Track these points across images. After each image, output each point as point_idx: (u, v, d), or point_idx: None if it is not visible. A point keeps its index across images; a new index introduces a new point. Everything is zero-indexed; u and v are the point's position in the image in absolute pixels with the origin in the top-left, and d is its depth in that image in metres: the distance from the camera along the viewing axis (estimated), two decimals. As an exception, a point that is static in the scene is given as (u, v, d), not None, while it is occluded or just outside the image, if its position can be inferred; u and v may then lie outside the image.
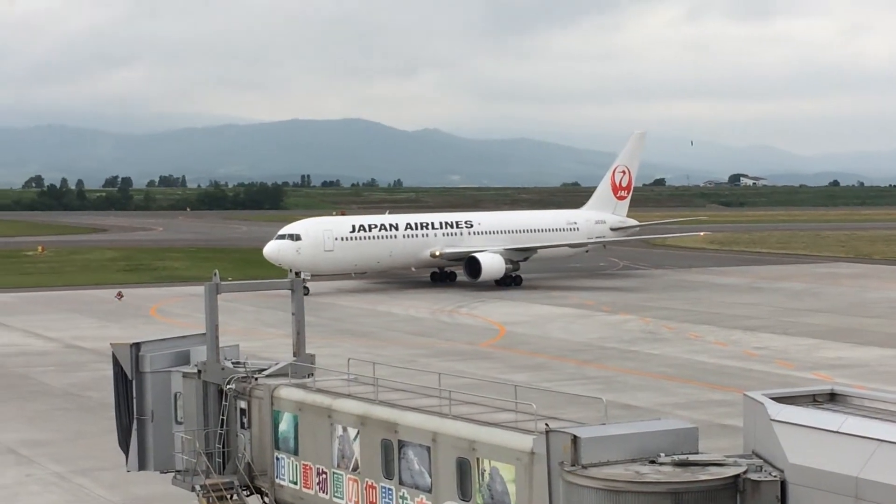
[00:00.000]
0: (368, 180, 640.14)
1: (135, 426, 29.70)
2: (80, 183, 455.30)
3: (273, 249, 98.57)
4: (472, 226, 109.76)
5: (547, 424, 20.68)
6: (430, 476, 23.12)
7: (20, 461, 41.38)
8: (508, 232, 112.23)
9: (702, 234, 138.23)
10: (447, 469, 22.66)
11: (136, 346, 29.75)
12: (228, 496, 27.52)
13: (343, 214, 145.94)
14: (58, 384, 56.96)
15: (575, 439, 19.44)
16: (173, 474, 29.36)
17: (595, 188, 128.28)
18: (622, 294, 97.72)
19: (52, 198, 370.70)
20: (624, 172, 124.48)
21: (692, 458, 19.49)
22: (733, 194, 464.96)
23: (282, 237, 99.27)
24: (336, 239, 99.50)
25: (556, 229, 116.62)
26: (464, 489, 22.36)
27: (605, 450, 19.52)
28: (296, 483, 26.66)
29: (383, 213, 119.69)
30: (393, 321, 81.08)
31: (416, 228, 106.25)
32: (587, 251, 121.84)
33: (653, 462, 19.40)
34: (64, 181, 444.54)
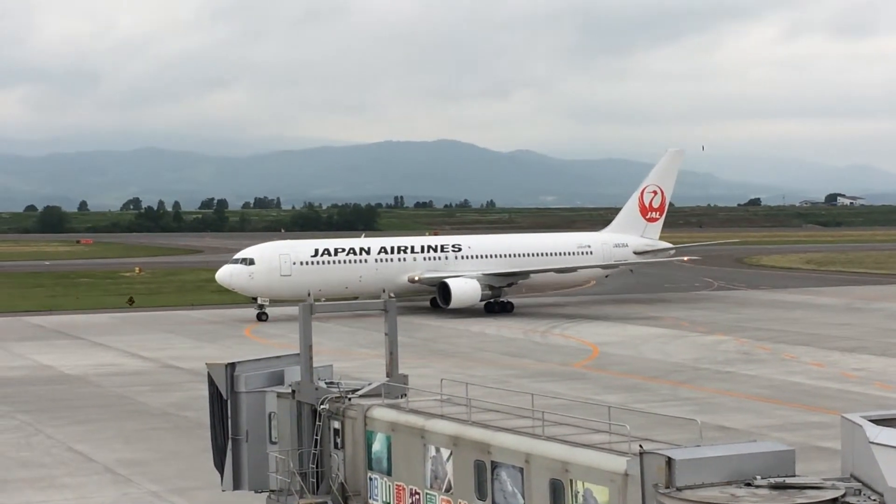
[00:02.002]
0: (461, 201, 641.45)
1: (230, 446, 29.86)
2: (176, 205, 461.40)
3: (225, 274, 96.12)
4: (459, 250, 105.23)
5: (641, 446, 20.54)
6: (524, 497, 22.99)
7: (117, 480, 41.85)
8: (502, 256, 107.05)
9: (685, 258, 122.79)
10: (540, 490, 22.54)
11: (231, 367, 29.89)
12: (322, 516, 27.61)
13: (436, 234, 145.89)
14: (154, 404, 57.59)
15: (669, 461, 19.28)
16: (268, 494, 29.46)
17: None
18: (717, 314, 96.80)
19: (149, 220, 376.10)
20: (655, 192, 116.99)
21: (789, 480, 19.25)
22: (830, 214, 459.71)
23: (236, 261, 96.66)
24: (294, 263, 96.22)
25: (563, 253, 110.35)
26: (557, 511, 22.21)
27: (700, 472, 19.35)
28: (389, 503, 26.67)
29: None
30: (485, 341, 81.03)
31: (393, 253, 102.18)
32: (607, 276, 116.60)
33: (748, 485, 19.19)
34: (161, 203, 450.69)
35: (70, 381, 65.70)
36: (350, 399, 28.07)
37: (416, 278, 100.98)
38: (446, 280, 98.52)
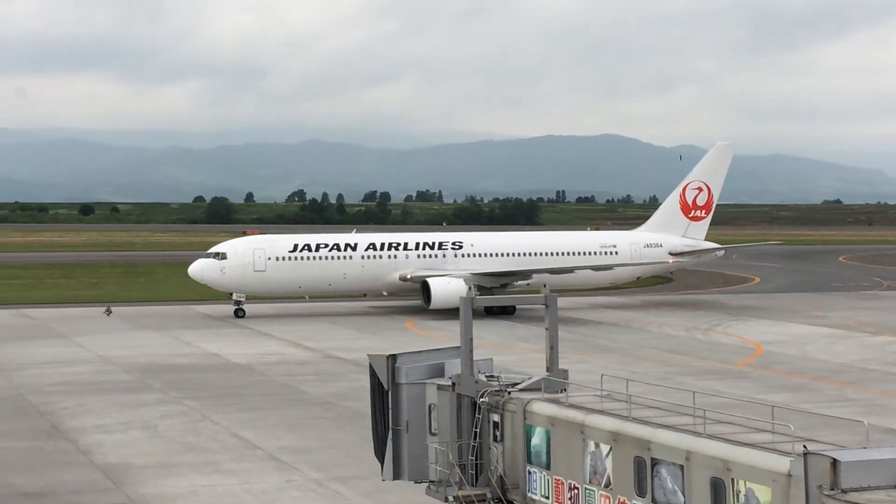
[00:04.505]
0: (624, 196, 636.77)
1: (390, 436, 30.12)
2: (340, 197, 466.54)
3: (197, 268, 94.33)
4: (460, 247, 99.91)
5: (805, 446, 20.25)
6: (684, 495, 22.82)
7: (281, 467, 42.56)
8: (508, 255, 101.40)
9: (671, 260, 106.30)
10: (701, 489, 22.35)
11: (393, 358, 30.12)
12: (481, 508, 27.71)
13: (597, 230, 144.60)
14: (317, 393, 58.40)
15: (834, 462, 18.99)
16: (427, 484, 29.66)
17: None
18: (886, 314, 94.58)
19: (313, 211, 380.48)
20: (700, 189, 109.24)
21: (960, 486, 18.78)
22: None
23: (208, 255, 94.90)
24: (269, 259, 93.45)
25: (581, 253, 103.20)
26: (718, 510, 22.00)
27: (867, 474, 19.00)
28: (547, 497, 26.65)
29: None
30: (647, 338, 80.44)
31: (382, 249, 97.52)
32: (638, 278, 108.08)
33: (917, 489, 18.77)
34: (325, 195, 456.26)
35: (235, 369, 67.01)
36: (510, 392, 28.13)
37: (409, 276, 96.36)
38: (427, 279, 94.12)
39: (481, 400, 28.28)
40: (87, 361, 69.65)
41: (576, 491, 25.77)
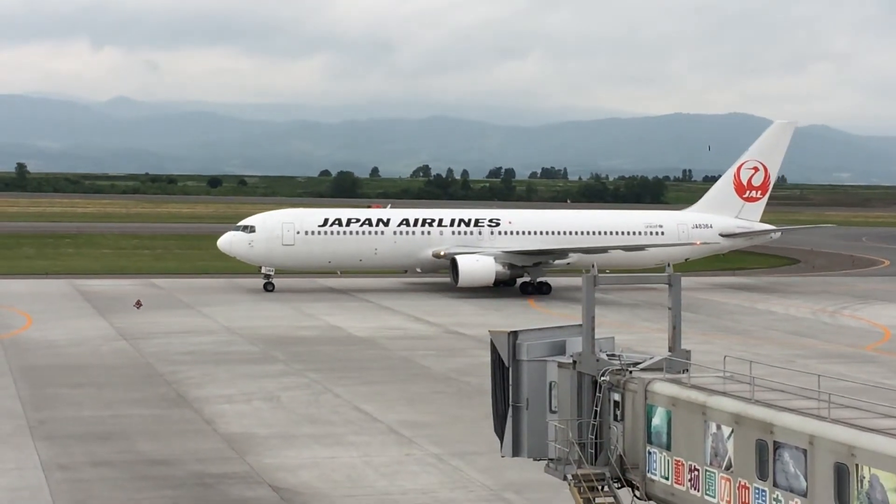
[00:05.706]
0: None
1: (510, 413, 30.09)
2: (465, 173, 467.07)
3: (225, 241, 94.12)
4: (497, 224, 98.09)
5: (933, 434, 19.82)
6: (806, 480, 22.50)
7: (401, 441, 42.83)
8: (546, 234, 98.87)
9: (698, 242, 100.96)
10: (824, 474, 22.01)
11: (514, 335, 30.02)
12: (599, 487, 27.55)
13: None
14: (438, 368, 58.63)
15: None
16: (546, 462, 29.60)
17: None
18: None
19: (438, 187, 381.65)
20: (756, 169, 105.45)
21: None
22: None
23: (237, 228, 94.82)
24: (298, 233, 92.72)
25: (625, 232, 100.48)
26: (841, 496, 21.66)
27: None
28: (667, 478, 26.44)
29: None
30: (772, 320, 79.46)
31: (415, 225, 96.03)
32: (686, 259, 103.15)
33: None
34: (450, 171, 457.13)
35: (358, 342, 67.54)
36: (631, 372, 27.92)
37: (442, 253, 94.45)
38: (456, 256, 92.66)
39: (602, 379, 28.11)
40: (213, 332, 70.74)
41: (696, 472, 25.54)
